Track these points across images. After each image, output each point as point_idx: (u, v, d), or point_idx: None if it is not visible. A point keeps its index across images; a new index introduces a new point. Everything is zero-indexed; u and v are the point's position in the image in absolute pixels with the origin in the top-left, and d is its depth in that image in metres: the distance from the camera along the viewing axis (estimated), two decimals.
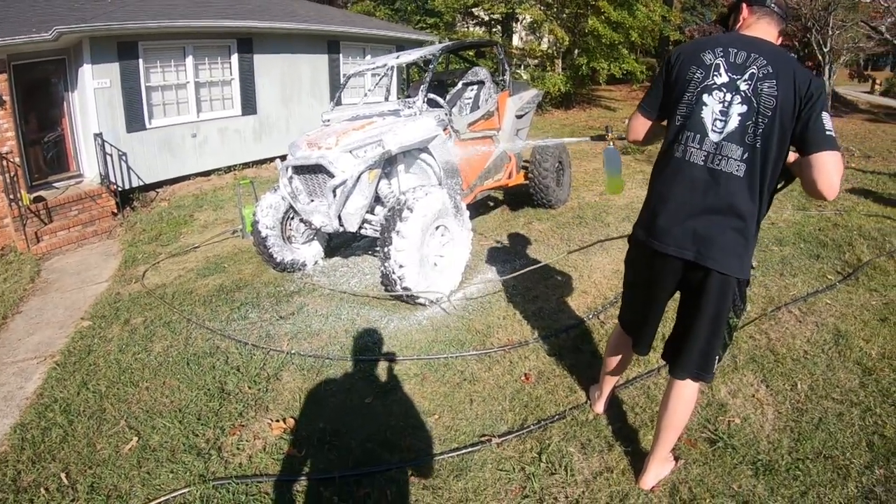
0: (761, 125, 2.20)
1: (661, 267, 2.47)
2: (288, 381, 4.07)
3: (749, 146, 2.23)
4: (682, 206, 2.37)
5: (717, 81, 2.29)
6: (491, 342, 4.38)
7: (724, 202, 2.29)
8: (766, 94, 2.19)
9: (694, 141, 2.33)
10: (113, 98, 10.00)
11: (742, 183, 2.26)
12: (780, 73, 2.19)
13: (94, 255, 8.12)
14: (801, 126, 2.15)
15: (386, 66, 6.52)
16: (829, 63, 16.62)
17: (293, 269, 6.21)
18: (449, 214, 5.24)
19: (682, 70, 2.38)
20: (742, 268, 2.33)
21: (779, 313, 4.47)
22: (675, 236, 2.37)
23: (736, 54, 2.28)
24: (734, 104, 2.25)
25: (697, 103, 2.32)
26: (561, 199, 8.00)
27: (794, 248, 5.90)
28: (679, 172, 2.38)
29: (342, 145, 5.10)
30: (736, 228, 2.29)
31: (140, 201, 10.45)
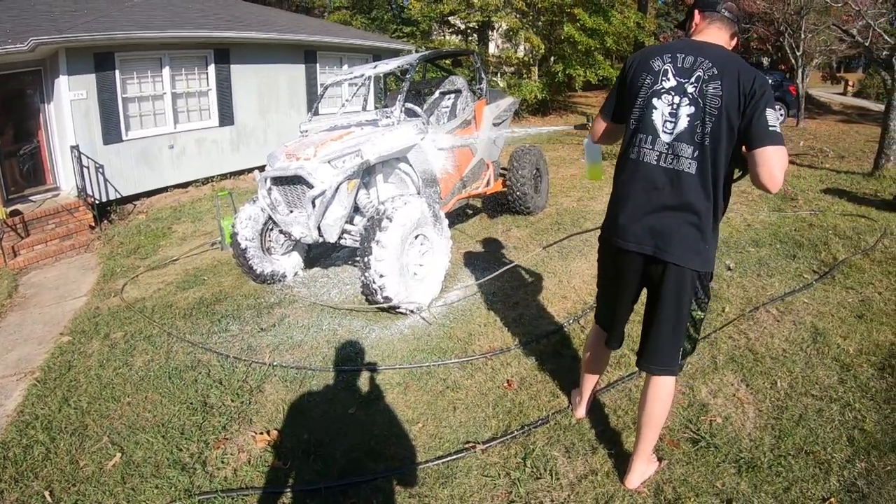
0: (709, 124, 2.32)
1: (623, 263, 2.60)
2: (271, 394, 4.04)
3: (698, 144, 2.35)
4: (640, 205, 2.49)
5: (665, 86, 2.43)
6: (472, 349, 4.39)
7: (678, 199, 2.40)
8: (711, 95, 2.31)
9: (647, 143, 2.46)
10: (89, 110, 9.94)
11: (694, 179, 2.37)
12: (724, 74, 2.31)
13: (72, 269, 8.02)
14: (745, 122, 2.27)
15: (363, 77, 6.52)
16: (802, 66, 16.86)
17: (273, 280, 6.18)
18: (428, 223, 5.24)
19: (634, 77, 2.53)
20: (700, 261, 2.44)
21: (757, 313, 4.52)
22: (635, 233, 2.50)
23: (684, 59, 2.41)
24: (682, 106, 2.38)
25: (648, 107, 2.46)
26: (539, 206, 8.06)
27: (771, 248, 5.97)
28: (635, 173, 2.51)
29: (321, 156, 5.09)
30: (691, 223, 2.40)
31: (118, 214, 10.35)
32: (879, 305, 4.56)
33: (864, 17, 9.71)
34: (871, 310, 4.48)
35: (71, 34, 9.25)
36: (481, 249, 6.77)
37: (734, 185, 2.59)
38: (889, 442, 3.00)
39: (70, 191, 10.11)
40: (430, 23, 20.45)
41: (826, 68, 28.93)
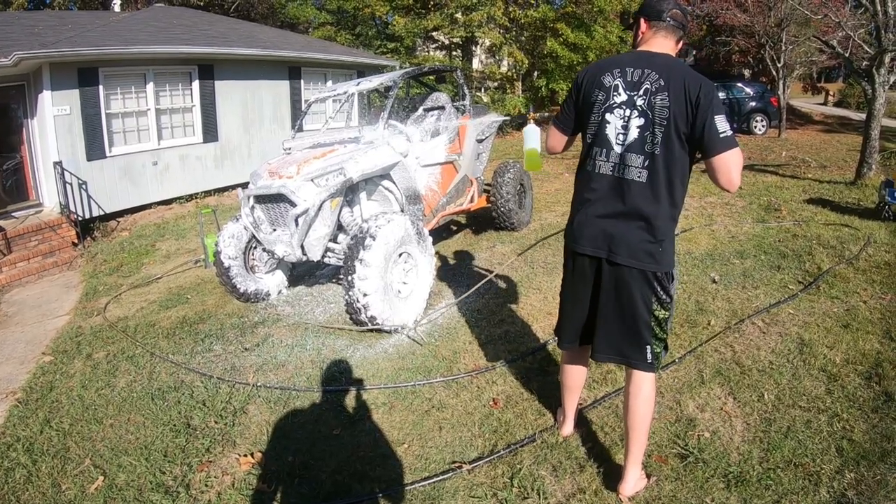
0: (658, 134, 2.44)
1: (581, 266, 2.74)
2: (255, 415, 3.98)
3: (649, 154, 2.48)
4: (596, 212, 2.64)
5: (616, 101, 2.56)
6: (458, 368, 4.34)
7: (630, 205, 2.55)
8: (659, 106, 2.43)
9: (601, 155, 2.61)
10: (73, 125, 9.89)
11: (645, 187, 2.51)
12: (671, 85, 2.42)
13: (54, 287, 7.93)
14: (697, 132, 2.39)
15: (347, 93, 6.51)
16: (783, 77, 17.05)
17: (257, 299, 6.12)
18: (412, 241, 5.22)
19: (586, 93, 2.67)
20: (655, 262, 2.56)
21: (743, 326, 4.52)
22: (591, 238, 2.65)
23: (632, 73, 2.53)
24: (633, 118, 2.51)
25: (602, 122, 2.60)
26: (523, 222, 8.07)
27: (755, 260, 5.99)
28: (591, 183, 2.67)
29: (304, 174, 5.06)
30: (642, 227, 2.53)
31: (101, 231, 10.25)
32: (864, 314, 4.58)
33: (843, 29, 9.82)
34: (857, 319, 4.49)
35: (54, 49, 9.23)
36: (466, 266, 6.75)
37: None
38: (878, 451, 2.98)
39: (53, 207, 10.03)
40: (414, 38, 20.50)
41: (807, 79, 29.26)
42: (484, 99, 19.96)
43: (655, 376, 2.79)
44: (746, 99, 17.84)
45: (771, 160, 12.86)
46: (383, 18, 21.61)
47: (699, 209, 8.43)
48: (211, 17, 16.01)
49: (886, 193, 7.23)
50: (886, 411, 3.32)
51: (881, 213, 7.28)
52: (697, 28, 26.92)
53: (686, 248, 6.57)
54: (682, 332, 4.50)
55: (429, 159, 6.24)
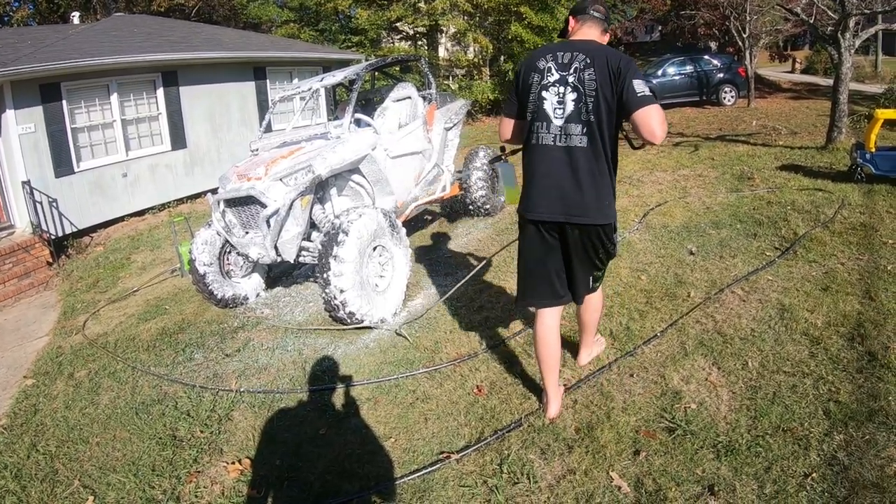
0: (590, 104, 2.80)
1: (541, 231, 3.05)
2: (240, 421, 3.92)
3: (585, 122, 2.83)
4: (546, 180, 2.96)
5: (550, 80, 2.91)
6: (440, 358, 4.30)
7: (576, 169, 2.87)
8: (588, 80, 2.80)
9: (543, 128, 2.94)
10: (38, 143, 9.70)
11: (587, 151, 2.85)
12: (595, 61, 2.80)
13: (32, 309, 7.79)
14: (619, 96, 2.74)
15: (311, 90, 6.42)
16: (749, 47, 17.13)
17: (235, 304, 6.04)
18: (385, 234, 5.16)
19: (525, 78, 3.03)
20: (603, 216, 2.92)
21: (722, 295, 4.53)
22: (545, 205, 2.97)
23: (562, 56, 2.90)
24: (567, 94, 2.86)
25: (540, 100, 2.94)
26: (497, 206, 8.03)
27: (731, 229, 6.01)
28: (536, 155, 2.99)
29: (272, 174, 4.98)
30: (590, 188, 2.87)
31: (75, 248, 10.08)
32: (843, 276, 4.60)
33: None
34: (836, 281, 4.52)
35: (12, 67, 9.01)
36: (443, 255, 6.71)
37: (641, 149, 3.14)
38: (864, 411, 2.99)
39: (25, 227, 9.81)
40: (378, 31, 20.32)
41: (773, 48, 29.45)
42: (452, 87, 19.82)
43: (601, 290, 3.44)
44: (714, 71, 17.87)
45: (741, 130, 12.91)
46: (346, 12, 21.38)
47: (672, 182, 8.45)
48: (172, 23, 15.78)
49: (858, 156, 7.28)
50: (871, 371, 3.34)
51: (854, 176, 7.33)
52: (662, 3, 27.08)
53: (661, 221, 6.58)
54: (662, 306, 4.50)
55: (398, 150, 6.17)
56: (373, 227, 4.94)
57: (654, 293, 4.75)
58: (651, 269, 5.26)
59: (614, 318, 4.42)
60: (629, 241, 6.00)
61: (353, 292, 4.68)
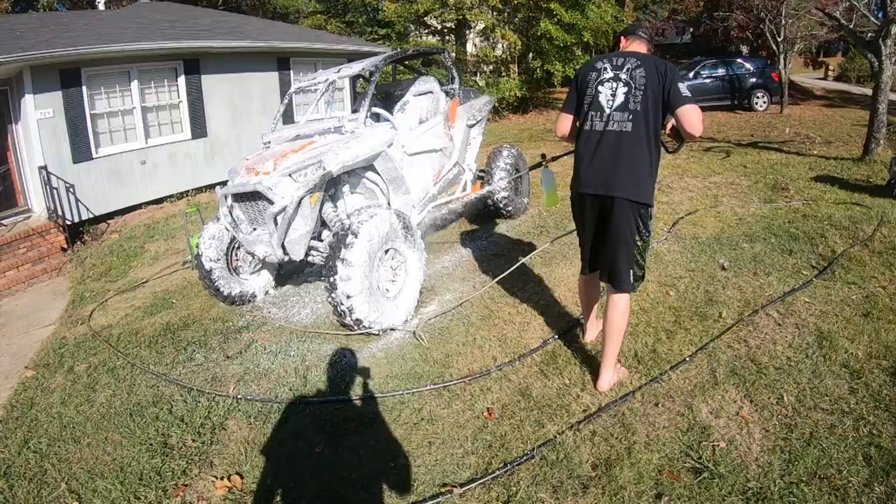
0: (639, 95, 3.24)
1: (584, 205, 3.47)
2: (234, 431, 3.72)
3: (632, 111, 3.24)
4: (592, 159, 3.36)
5: (605, 77, 3.37)
6: (450, 373, 4.04)
7: (619, 150, 3.25)
8: (638, 77, 3.26)
9: (596, 116, 3.37)
10: (57, 128, 9.63)
11: (631, 136, 3.24)
12: (645, 64, 3.28)
13: (43, 296, 7.75)
14: (665, 95, 3.18)
15: (327, 81, 6.17)
16: (784, 52, 16.62)
17: (242, 301, 5.83)
18: (398, 236, 4.89)
19: (583, 77, 3.50)
20: (638, 193, 3.25)
21: (756, 317, 4.21)
22: (590, 180, 3.36)
23: (616, 60, 3.38)
24: (619, 87, 3.31)
25: (596, 93, 3.39)
26: (520, 208, 7.72)
27: (765, 243, 5.66)
28: (589, 138, 3.39)
29: (280, 169, 4.74)
30: (630, 168, 3.24)
31: (90, 234, 10.02)
32: (885, 301, 4.26)
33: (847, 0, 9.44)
34: (877, 307, 4.18)
35: (33, 52, 8.90)
36: (460, 258, 6.43)
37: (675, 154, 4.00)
38: None
39: (41, 213, 9.79)
40: (406, 24, 20.05)
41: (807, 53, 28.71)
42: (479, 83, 19.50)
43: (629, 296, 3.48)
44: (747, 75, 17.36)
45: (774, 137, 12.48)
46: (373, 4, 21.13)
47: (703, 189, 8.08)
48: (196, 11, 15.62)
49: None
50: None
51: (893, 191, 6.94)
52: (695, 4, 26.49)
53: (691, 231, 6.24)
54: (691, 327, 4.19)
55: (416, 147, 5.88)
56: (385, 229, 4.68)
57: (682, 311, 4.45)
58: (680, 285, 4.95)
59: (640, 337, 4.12)
60: (657, 252, 5.69)
61: (361, 298, 4.43)
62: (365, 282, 4.45)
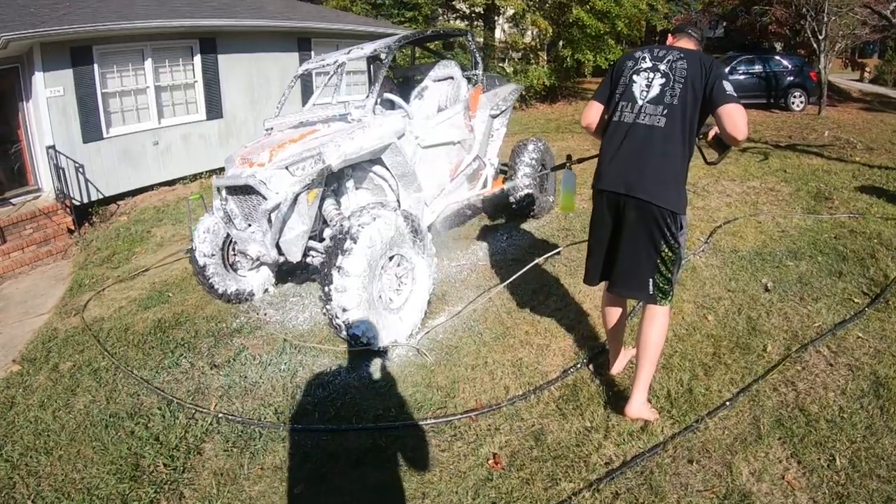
0: (677, 88, 2.91)
1: (603, 203, 3.10)
2: (209, 458, 3.37)
3: (668, 105, 2.91)
4: (617, 153, 3.02)
5: (643, 66, 3.05)
6: (454, 404, 3.57)
7: (647, 145, 2.92)
8: (679, 69, 2.93)
9: (627, 107, 3.04)
10: (67, 107, 9.43)
11: (663, 131, 2.90)
12: (689, 58, 2.96)
13: (44, 280, 7.56)
14: (708, 91, 2.84)
15: (336, 63, 5.70)
16: (824, 51, 15.83)
17: (239, 300, 5.44)
18: (405, 241, 4.40)
19: (620, 66, 3.18)
20: (663, 197, 2.87)
21: (805, 354, 3.70)
22: (611, 177, 3.02)
23: (658, 51, 3.08)
24: (655, 78, 2.98)
25: (630, 83, 3.06)
26: (544, 207, 7.17)
27: (812, 262, 5.12)
28: (616, 130, 3.06)
29: (276, 161, 4.30)
30: (656, 165, 2.90)
31: (99, 216, 9.85)
32: None
33: None
34: None
35: (42, 28, 8.64)
36: (476, 262, 5.96)
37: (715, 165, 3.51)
38: None
39: (51, 192, 9.62)
40: (434, 7, 19.45)
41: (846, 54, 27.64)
42: (507, 70, 18.89)
43: (669, 309, 3.09)
44: (784, 73, 16.58)
45: (813, 140, 11.79)
46: None
47: (741, 195, 7.50)
48: None
49: None
50: None
51: None
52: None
53: (731, 243, 5.70)
54: (731, 362, 3.67)
55: (432, 139, 5.38)
56: (389, 234, 4.19)
57: (722, 341, 3.93)
58: (719, 308, 4.42)
59: (674, 372, 3.60)
60: (694, 266, 5.17)
61: (359, 312, 3.97)
62: (363, 293, 3.99)
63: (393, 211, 4.29)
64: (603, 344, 3.96)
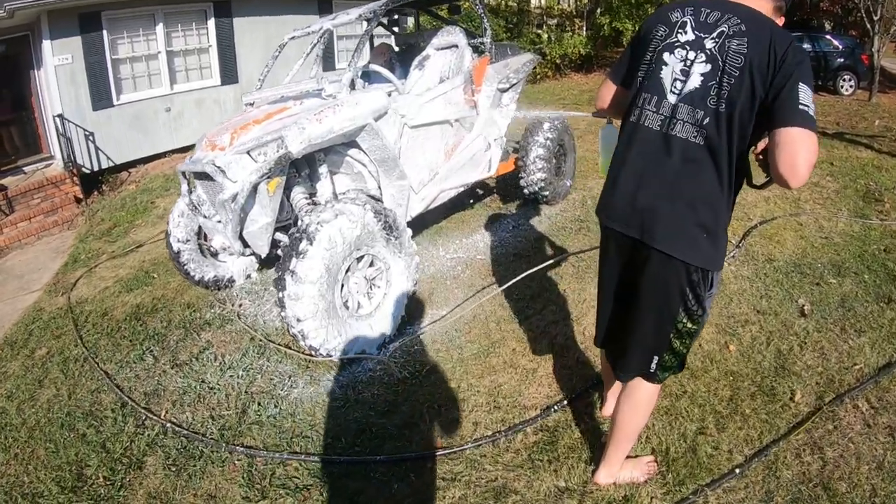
0: (726, 86, 1.91)
1: (610, 244, 2.30)
2: (148, 474, 3.03)
3: (711, 110, 1.94)
4: (634, 177, 2.12)
5: (680, 39, 2.04)
6: (415, 439, 3.05)
7: (677, 172, 2.01)
8: (733, 52, 1.90)
9: (650, 103, 2.09)
10: (76, 74, 9.35)
11: (700, 151, 1.97)
12: (753, 31, 1.90)
13: (46, 252, 7.53)
14: (772, 94, 1.83)
15: (321, 30, 5.09)
16: (878, 33, 14.63)
17: (217, 286, 5.03)
18: (377, 240, 3.82)
19: (646, 31, 2.15)
20: (695, 253, 2.01)
21: (840, 408, 3.03)
22: (621, 210, 2.16)
23: (708, 14, 2.01)
24: (697, 63, 1.98)
25: (657, 62, 2.08)
26: (560, 193, 6.44)
27: (857, 281, 4.38)
28: (634, 139, 2.14)
29: (237, 145, 3.78)
30: (690, 204, 2.00)
31: (109, 184, 9.80)
32: None
33: None
34: None
35: None
36: (474, 255, 5.36)
37: (760, 190, 2.28)
38: None
39: (62, 160, 9.60)
40: None
41: None
42: (543, 37, 17.99)
43: (658, 388, 2.35)
44: (834, 54, 15.51)
45: (863, 129, 10.74)
46: None
47: (782, 192, 6.65)
48: None
49: None
50: None
51: None
52: None
53: (766, 249, 4.99)
54: (751, 411, 3.02)
55: (422, 118, 4.75)
56: (354, 233, 3.63)
57: (743, 382, 3.28)
58: (745, 335, 3.73)
59: (679, 421, 2.97)
60: (722, 276, 4.44)
61: (316, 322, 3.46)
62: (321, 301, 3.47)
63: (362, 205, 3.71)
64: (598, 375, 3.38)
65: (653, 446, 2.77)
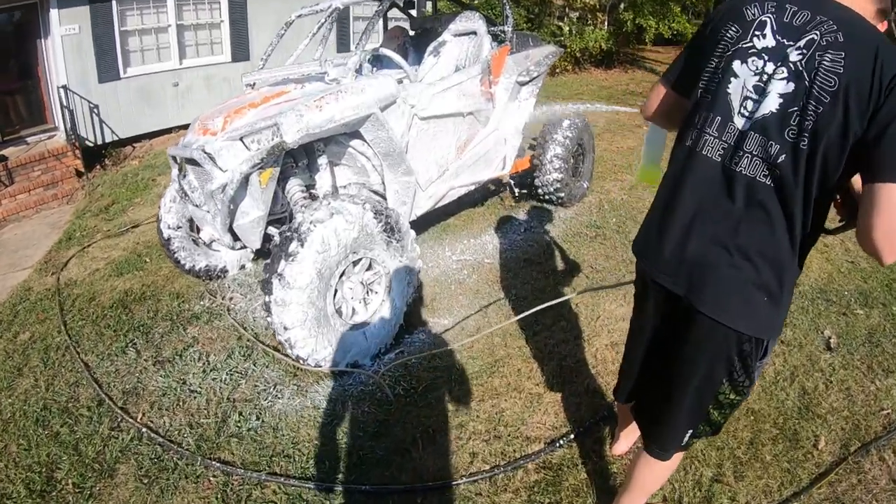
0: (811, 115, 1.42)
1: (648, 295, 1.91)
2: (119, 484, 2.83)
3: (789, 144, 1.47)
4: (684, 219, 1.69)
5: (756, 45, 1.54)
6: (404, 469, 2.79)
7: (740, 220, 1.59)
8: (825, 70, 1.39)
9: (711, 125, 1.62)
10: (82, 45, 9.09)
11: (769, 194, 1.53)
12: (853, 44, 1.38)
13: (42, 227, 7.33)
14: (873, 133, 1.34)
15: (329, 9, 4.81)
16: None
17: (209, 276, 4.80)
18: (375, 242, 3.53)
19: (716, 27, 1.64)
20: (750, 321, 1.61)
21: (865, 459, 2.76)
22: (668, 260, 1.75)
23: (795, 14, 1.50)
24: (776, 79, 1.48)
25: (724, 73, 1.60)
26: (576, 195, 6.15)
27: (885, 313, 4.08)
28: (687, 169, 1.69)
29: (230, 130, 3.51)
30: (750, 260, 1.58)
31: (112, 158, 9.56)
32: None
33: None
34: None
35: None
36: (482, 258, 5.10)
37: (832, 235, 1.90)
38: None
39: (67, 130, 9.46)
40: None
41: None
42: (564, 29, 17.59)
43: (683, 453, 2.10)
44: None
45: None
46: None
47: None
48: None
49: None
50: None
51: None
52: None
53: None
54: (772, 459, 2.76)
55: (434, 109, 4.45)
56: (351, 236, 3.34)
57: (765, 423, 3.01)
58: (768, 367, 3.44)
59: (696, 467, 2.72)
60: None
61: (304, 331, 3.21)
62: (311, 309, 3.21)
63: (361, 204, 3.42)
64: (609, 406, 3.12)
65: (665, 493, 2.52)
